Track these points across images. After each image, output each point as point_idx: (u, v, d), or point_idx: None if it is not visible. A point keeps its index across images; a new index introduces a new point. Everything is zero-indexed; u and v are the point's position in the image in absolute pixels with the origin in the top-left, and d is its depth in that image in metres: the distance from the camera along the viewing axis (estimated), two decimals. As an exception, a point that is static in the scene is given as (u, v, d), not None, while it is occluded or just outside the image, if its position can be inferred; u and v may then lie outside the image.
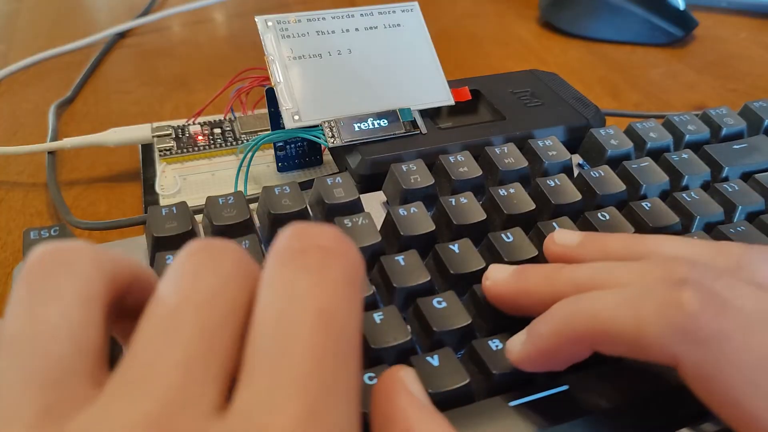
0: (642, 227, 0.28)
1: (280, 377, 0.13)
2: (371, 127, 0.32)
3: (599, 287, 0.20)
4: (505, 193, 0.29)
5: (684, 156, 0.32)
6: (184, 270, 0.15)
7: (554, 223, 0.27)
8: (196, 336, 0.14)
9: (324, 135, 0.31)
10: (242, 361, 0.14)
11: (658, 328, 0.17)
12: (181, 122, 0.39)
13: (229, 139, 0.38)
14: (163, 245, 0.26)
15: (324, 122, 0.32)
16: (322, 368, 0.13)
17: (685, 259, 0.19)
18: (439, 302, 0.23)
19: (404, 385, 0.17)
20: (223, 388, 0.13)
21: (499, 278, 0.23)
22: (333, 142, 0.31)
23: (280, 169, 0.36)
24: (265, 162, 0.37)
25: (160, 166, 0.36)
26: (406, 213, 0.27)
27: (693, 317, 0.17)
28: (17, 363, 0.13)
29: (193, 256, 0.15)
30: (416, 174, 0.29)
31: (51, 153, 0.37)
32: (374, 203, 0.30)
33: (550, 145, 0.32)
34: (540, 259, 0.26)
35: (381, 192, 0.30)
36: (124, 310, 0.16)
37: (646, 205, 0.28)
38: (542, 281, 0.22)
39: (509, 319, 0.23)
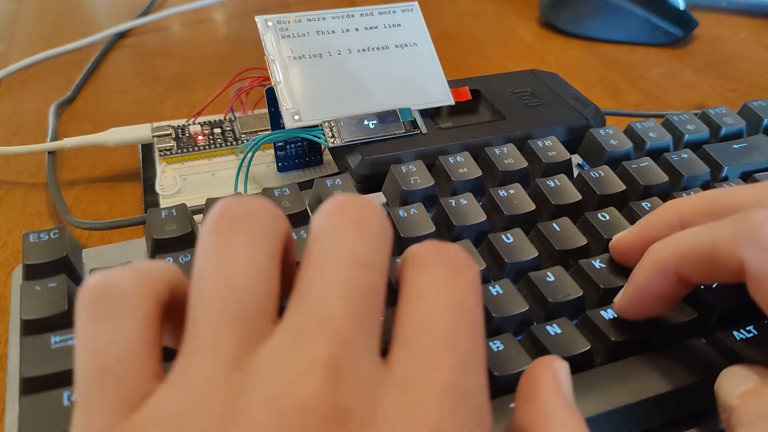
0: (642, 228, 0.27)
1: (434, 343, 0.15)
2: (371, 127, 0.32)
3: (713, 206, 0.22)
4: (505, 194, 0.29)
5: (684, 156, 0.32)
6: (337, 227, 0.17)
7: (554, 224, 0.27)
8: (360, 289, 0.16)
9: (324, 135, 0.31)
10: (395, 337, 0.16)
11: (729, 239, 0.19)
12: (181, 122, 0.39)
13: (229, 139, 0.38)
14: (163, 247, 0.26)
15: (324, 122, 0.32)
16: (464, 340, 0.16)
17: None
18: (439, 303, 0.23)
19: (555, 375, 0.18)
20: (379, 344, 0.16)
21: (621, 234, 0.25)
22: (333, 142, 0.31)
23: (280, 169, 0.36)
24: (265, 162, 0.37)
25: (160, 166, 0.36)
26: (406, 214, 0.27)
27: (759, 227, 0.19)
28: (219, 302, 0.15)
29: (343, 215, 0.17)
30: (416, 175, 0.29)
31: (51, 153, 0.37)
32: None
33: (550, 145, 0.32)
34: (541, 259, 0.26)
35: (381, 193, 0.30)
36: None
37: (646, 205, 0.28)
38: (664, 211, 0.23)
39: (512, 319, 0.23)
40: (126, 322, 0.15)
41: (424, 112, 0.34)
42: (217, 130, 0.39)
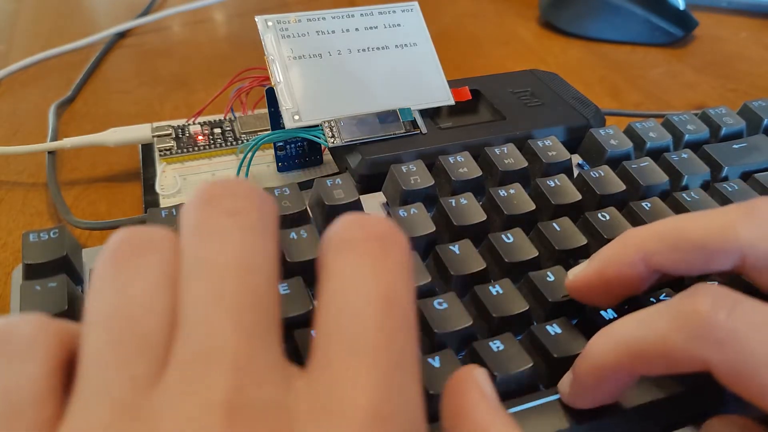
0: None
1: (355, 356, 0.13)
2: (371, 127, 0.32)
3: (677, 242, 0.20)
4: (505, 194, 0.29)
5: (684, 156, 0.32)
6: (209, 232, 0.15)
7: (554, 224, 0.27)
8: (249, 300, 0.14)
9: (324, 135, 0.31)
10: (315, 344, 0.14)
11: (682, 344, 0.17)
12: (181, 122, 0.39)
13: (229, 139, 0.38)
14: (164, 246, 0.26)
15: (324, 122, 0.32)
16: (392, 347, 0.14)
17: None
18: (439, 303, 0.23)
19: (477, 383, 0.17)
20: (282, 353, 0.14)
21: (577, 271, 0.23)
22: (333, 142, 0.31)
23: (280, 169, 0.36)
24: (265, 162, 0.37)
25: (160, 166, 0.36)
26: (406, 214, 0.27)
27: (711, 321, 0.17)
28: (111, 336, 0.14)
29: (211, 218, 0.15)
30: (416, 175, 0.29)
31: (51, 153, 0.37)
32: (374, 204, 0.30)
33: (550, 145, 0.32)
34: (541, 258, 0.26)
35: (381, 193, 0.30)
36: None
37: (646, 205, 0.28)
38: (624, 246, 0.21)
39: (512, 321, 0.23)
40: (27, 367, 0.13)
41: (424, 112, 0.34)
42: (217, 130, 0.39)
